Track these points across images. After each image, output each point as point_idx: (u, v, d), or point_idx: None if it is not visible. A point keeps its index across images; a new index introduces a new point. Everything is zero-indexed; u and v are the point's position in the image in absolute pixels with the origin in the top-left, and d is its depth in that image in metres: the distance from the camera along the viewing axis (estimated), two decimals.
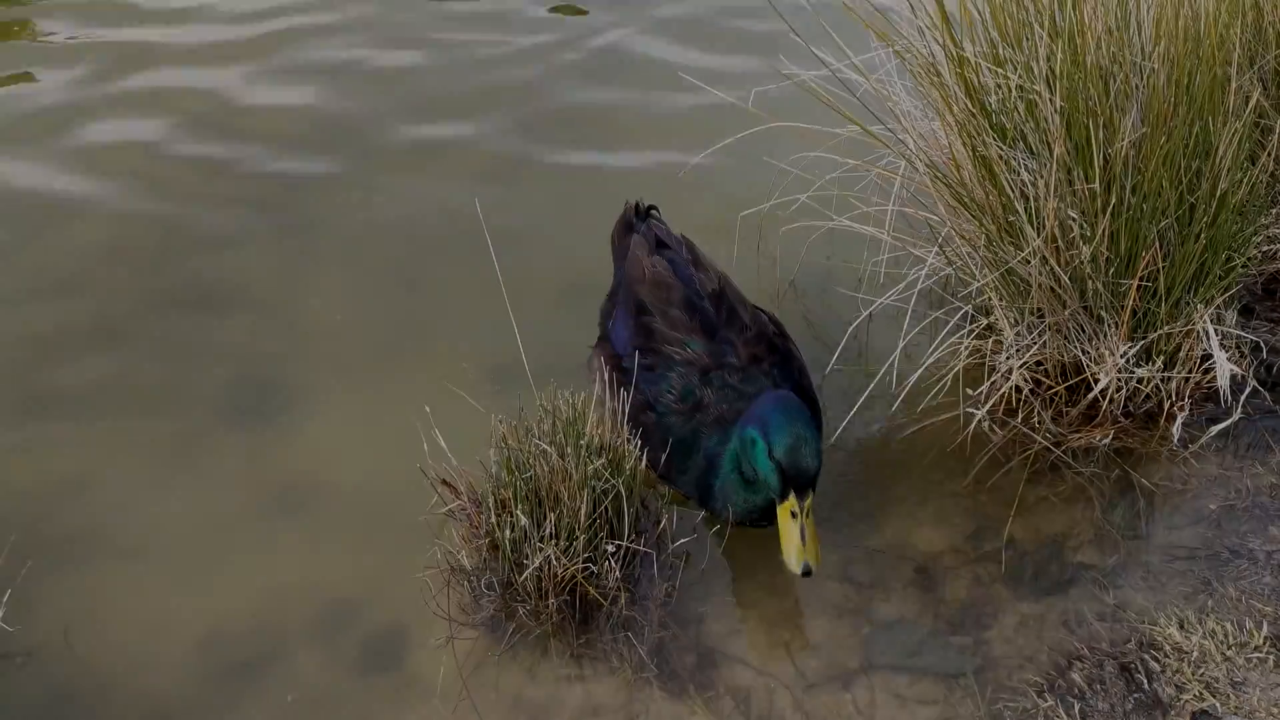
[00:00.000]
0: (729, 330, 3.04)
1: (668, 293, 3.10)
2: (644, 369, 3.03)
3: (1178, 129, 2.83)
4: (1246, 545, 2.83)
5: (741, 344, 3.01)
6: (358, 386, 3.48)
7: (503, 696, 2.65)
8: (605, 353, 3.21)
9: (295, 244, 4.06)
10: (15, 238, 4.15)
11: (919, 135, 3.21)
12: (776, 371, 3.00)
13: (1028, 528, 2.96)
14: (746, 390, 2.92)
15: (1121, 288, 2.95)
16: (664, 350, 3.01)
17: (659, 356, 3.02)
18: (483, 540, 2.83)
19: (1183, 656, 2.57)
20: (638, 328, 3.09)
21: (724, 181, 4.01)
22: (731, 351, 3.00)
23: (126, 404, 3.46)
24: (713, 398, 2.94)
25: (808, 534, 2.57)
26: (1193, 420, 3.09)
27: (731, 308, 3.09)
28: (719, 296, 3.11)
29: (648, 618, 2.78)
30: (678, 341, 3.01)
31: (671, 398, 2.97)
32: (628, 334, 3.13)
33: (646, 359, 3.03)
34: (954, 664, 2.66)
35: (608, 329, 3.30)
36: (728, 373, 2.96)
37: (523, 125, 4.69)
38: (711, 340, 3.01)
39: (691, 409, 2.94)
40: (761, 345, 3.03)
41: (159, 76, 5.08)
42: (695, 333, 3.02)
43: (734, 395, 2.93)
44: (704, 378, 2.96)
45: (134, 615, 2.88)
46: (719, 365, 2.96)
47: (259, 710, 2.67)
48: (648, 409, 2.99)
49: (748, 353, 3.00)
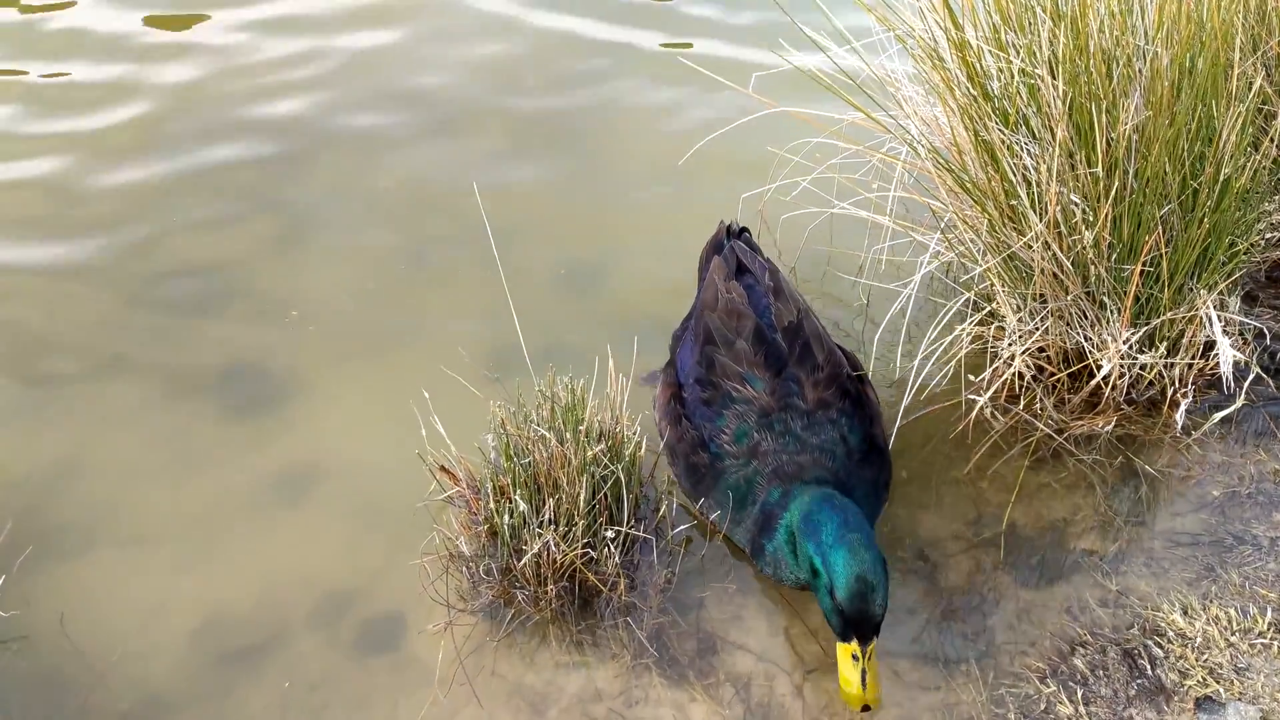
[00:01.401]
0: (799, 368, 2.81)
1: (738, 322, 2.87)
2: (701, 403, 2.83)
3: (1180, 114, 2.81)
4: (1250, 531, 2.82)
5: (810, 385, 2.78)
6: (356, 373, 3.47)
7: (502, 682, 2.64)
8: (667, 379, 3.04)
9: (291, 231, 4.04)
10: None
11: (921, 120, 3.19)
12: (845, 421, 2.77)
13: (1029, 514, 2.94)
14: (810, 441, 2.70)
15: (1124, 273, 2.93)
16: (723, 385, 2.80)
17: (717, 391, 2.81)
18: (481, 526, 2.81)
19: (1186, 642, 2.55)
20: (701, 357, 2.88)
21: (725, 167, 3.99)
22: (798, 393, 2.77)
23: (124, 392, 3.44)
24: (771, 445, 2.71)
25: (869, 676, 2.36)
26: (1196, 407, 3.07)
27: (806, 343, 2.85)
28: (794, 330, 2.87)
29: (647, 604, 2.76)
30: (738, 377, 2.79)
31: (725, 439, 2.76)
32: (691, 362, 2.94)
33: (705, 392, 2.83)
34: (956, 650, 2.64)
35: (675, 354, 3.11)
36: (791, 416, 2.73)
37: (520, 108, 4.66)
38: (777, 378, 2.78)
39: (747, 453, 2.73)
40: (832, 389, 2.79)
41: (146, 54, 5.04)
42: (759, 368, 2.79)
43: (795, 446, 2.70)
44: (763, 420, 2.74)
45: (130, 602, 2.86)
46: (782, 407, 2.74)
47: (256, 696, 2.66)
48: (701, 448, 2.81)
49: (815, 396, 2.76)
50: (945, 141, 3.11)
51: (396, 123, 4.59)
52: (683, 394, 2.93)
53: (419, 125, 4.57)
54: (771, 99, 3.39)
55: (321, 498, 3.11)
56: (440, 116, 4.60)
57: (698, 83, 3.69)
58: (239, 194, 4.22)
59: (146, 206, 4.16)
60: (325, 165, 4.36)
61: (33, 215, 4.15)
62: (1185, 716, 2.41)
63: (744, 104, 3.54)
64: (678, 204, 4.04)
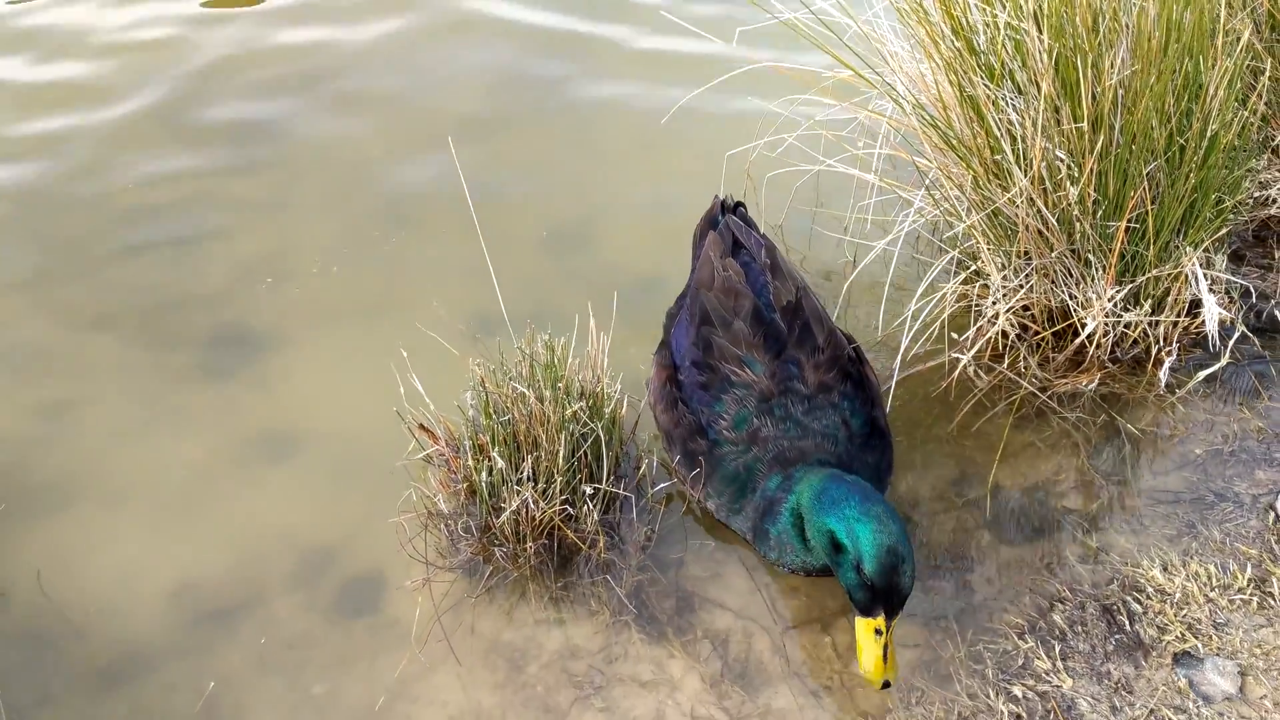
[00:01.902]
0: (799, 350, 2.72)
1: (736, 302, 2.78)
2: (699, 387, 2.74)
3: (1167, 68, 2.78)
4: (1232, 489, 2.81)
5: (811, 367, 2.70)
6: (337, 334, 3.45)
7: (480, 639, 2.63)
8: (661, 360, 2.93)
9: (272, 194, 4.01)
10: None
11: (907, 76, 3.15)
12: (847, 405, 2.69)
13: (1013, 473, 2.93)
14: (811, 426, 2.63)
15: (1109, 230, 2.91)
16: (721, 369, 2.71)
17: (715, 375, 2.72)
18: (461, 484, 2.80)
19: (1165, 598, 2.55)
20: (698, 338, 2.79)
21: (710, 124, 3.95)
22: (798, 376, 2.69)
23: (105, 352, 3.42)
24: (772, 430, 2.63)
25: (890, 652, 2.31)
26: (1180, 365, 3.06)
27: (806, 324, 2.76)
28: (794, 310, 2.78)
29: (627, 561, 2.75)
30: (736, 360, 2.70)
31: (724, 424, 2.68)
32: (686, 344, 2.84)
33: (703, 375, 2.74)
34: (936, 607, 2.63)
35: (670, 334, 2.99)
36: (791, 401, 2.66)
37: (502, 65, 4.61)
38: (776, 360, 2.70)
39: (747, 440, 2.65)
40: (833, 372, 2.71)
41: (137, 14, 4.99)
42: (758, 350, 2.71)
43: (797, 431, 2.63)
44: (763, 405, 2.66)
45: (109, 560, 2.86)
46: (782, 391, 2.66)
47: (235, 654, 2.65)
48: (699, 434, 2.72)
49: (816, 380, 2.68)
50: (930, 97, 3.08)
51: (377, 88, 4.54)
52: (679, 377, 2.83)
53: (399, 91, 4.53)
54: (756, 54, 3.35)
55: (302, 457, 3.10)
56: (420, 81, 4.56)
57: (681, 39, 3.65)
58: (221, 156, 4.19)
59: (129, 166, 4.13)
60: (305, 128, 4.32)
61: (15, 175, 4.12)
62: (1163, 671, 2.41)
63: (728, 61, 3.50)
64: (662, 164, 4.00)
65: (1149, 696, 2.37)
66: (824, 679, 2.51)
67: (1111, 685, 2.40)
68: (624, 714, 2.47)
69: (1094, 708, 2.37)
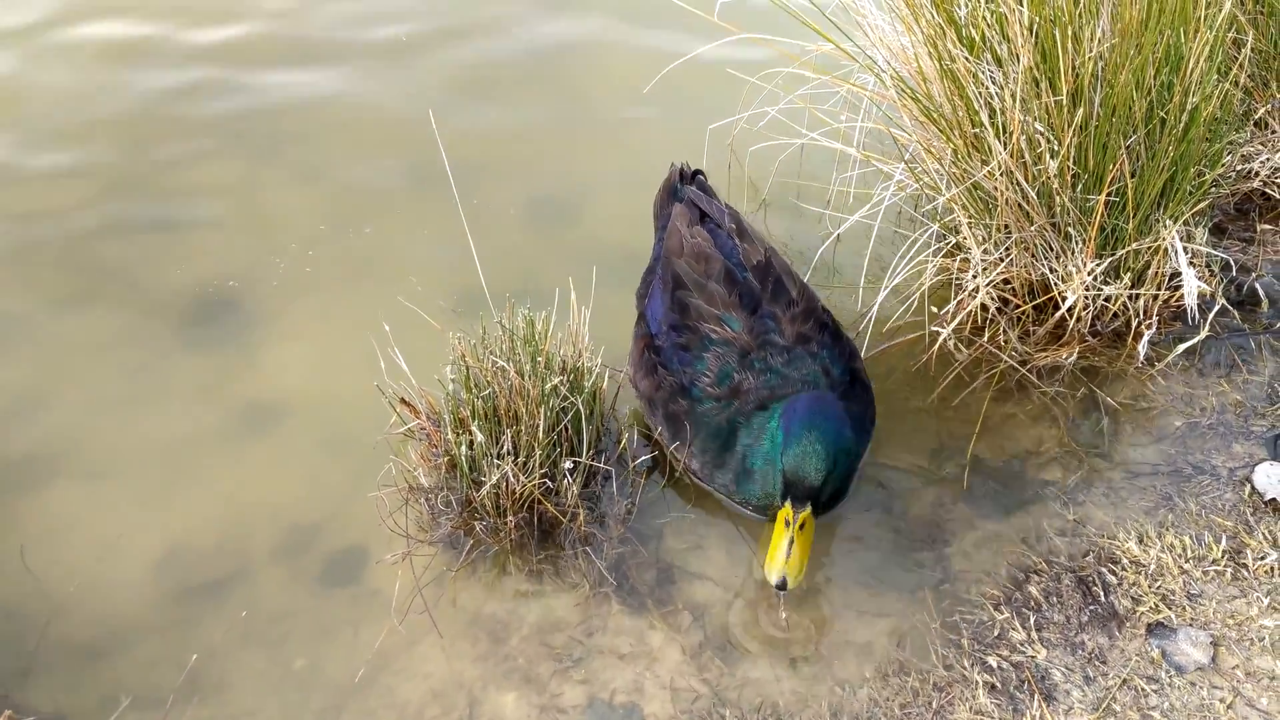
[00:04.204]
0: (774, 305, 2.75)
1: (707, 265, 2.81)
2: (679, 348, 2.76)
3: (1148, 40, 2.77)
4: (1210, 462, 2.82)
5: (787, 320, 2.73)
6: (319, 307, 3.45)
7: (461, 612, 2.65)
8: (639, 333, 2.95)
9: (254, 165, 4.00)
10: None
11: (888, 49, 3.15)
12: (826, 354, 2.71)
13: (992, 446, 2.94)
14: (791, 375, 2.66)
15: (1089, 203, 2.91)
16: (700, 328, 2.74)
17: (695, 335, 2.74)
18: (441, 459, 2.81)
19: (1140, 570, 2.57)
20: (673, 303, 2.81)
21: (691, 97, 3.94)
22: (776, 329, 2.72)
23: (86, 323, 3.42)
24: (753, 382, 2.66)
25: (795, 548, 2.38)
26: (1160, 339, 3.07)
27: (779, 280, 2.79)
28: (764, 268, 2.82)
29: (607, 534, 2.77)
30: (714, 318, 2.73)
31: (707, 381, 2.70)
32: (662, 310, 2.85)
33: (681, 337, 2.76)
34: (913, 579, 2.65)
35: (644, 307, 3.00)
36: (771, 353, 2.68)
37: (482, 32, 4.58)
38: (753, 316, 2.73)
39: (729, 394, 2.67)
40: (810, 323, 2.74)
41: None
42: (735, 308, 2.73)
43: (778, 380, 2.65)
44: (743, 360, 2.68)
45: (92, 535, 2.87)
46: (760, 345, 2.69)
47: (218, 627, 2.67)
48: (681, 394, 2.73)
49: (794, 331, 2.72)
50: (911, 70, 3.08)
51: (357, 59, 4.52)
52: (656, 343, 2.85)
53: (379, 62, 4.51)
54: (738, 27, 3.34)
55: (284, 431, 3.10)
56: (401, 53, 4.53)
57: (663, 11, 3.63)
58: (204, 129, 4.17)
59: (114, 139, 4.12)
60: (287, 102, 4.30)
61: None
62: (1137, 642, 2.43)
63: (709, 34, 3.48)
64: (643, 136, 4.00)
65: (1122, 666, 2.40)
66: (801, 649, 2.53)
67: (1085, 655, 2.43)
68: (603, 685, 2.49)
69: (1067, 678, 2.39)
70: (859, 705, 2.40)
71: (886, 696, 2.41)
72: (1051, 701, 2.34)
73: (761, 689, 2.46)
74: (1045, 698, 2.35)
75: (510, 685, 2.51)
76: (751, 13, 3.38)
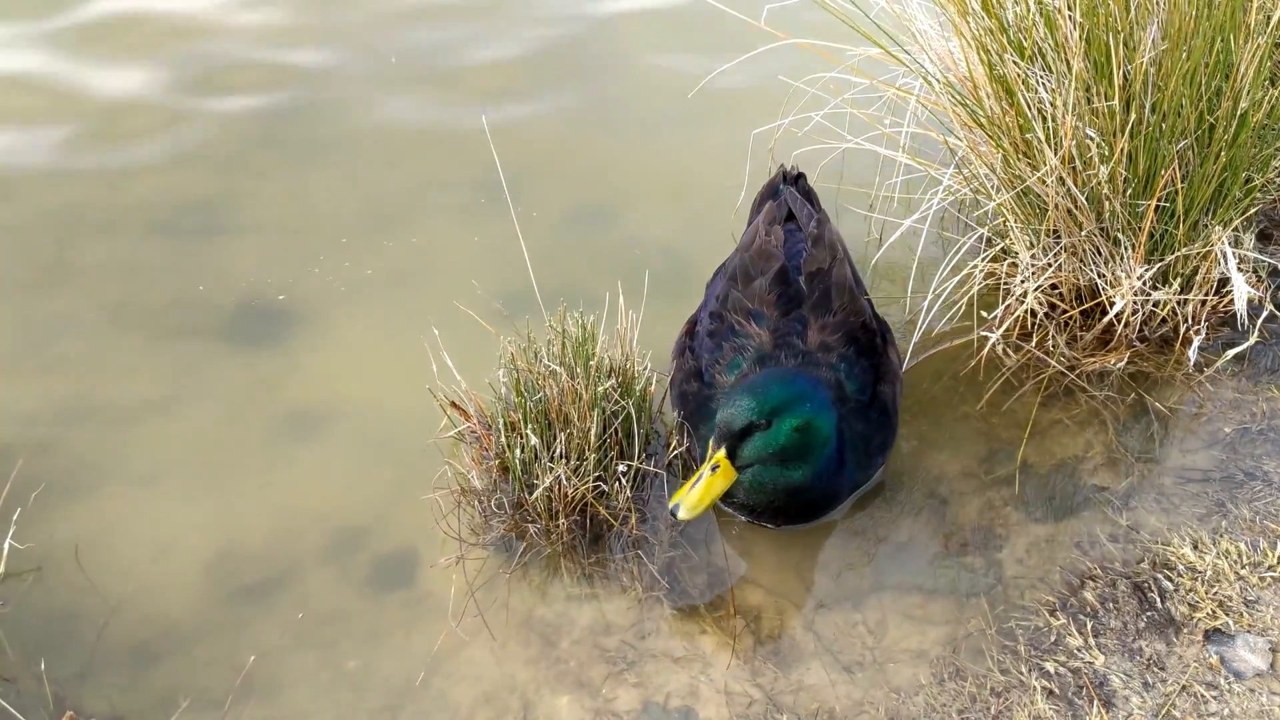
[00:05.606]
0: (811, 313, 2.77)
1: (765, 263, 2.84)
2: (707, 335, 2.84)
3: (1198, 47, 2.77)
4: (1261, 468, 2.81)
5: (815, 328, 2.75)
6: (367, 310, 3.46)
7: (513, 615, 2.65)
8: (689, 318, 3.04)
9: (302, 166, 4.02)
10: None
11: (936, 54, 3.15)
12: (844, 367, 2.73)
13: (1041, 451, 2.94)
14: None
15: (1139, 209, 2.91)
16: (729, 318, 2.80)
17: (723, 323, 2.81)
18: (493, 461, 2.82)
19: (1196, 576, 2.56)
20: (723, 293, 2.88)
21: (737, 100, 3.95)
22: (799, 334, 2.74)
23: (136, 328, 3.44)
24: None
25: (701, 484, 2.47)
26: (1209, 344, 3.06)
27: (827, 290, 2.80)
28: (817, 277, 2.82)
29: (658, 537, 2.77)
30: (745, 312, 2.78)
31: (719, 369, 2.77)
32: (713, 299, 2.93)
33: (714, 324, 2.84)
34: (966, 584, 2.65)
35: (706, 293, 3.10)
36: (785, 355, 2.71)
37: (531, 41, 4.60)
38: (784, 318, 2.76)
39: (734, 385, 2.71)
40: (839, 335, 2.75)
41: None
42: (770, 307, 2.77)
43: None
44: (759, 357, 2.73)
45: (144, 537, 2.88)
46: (778, 346, 2.73)
47: (269, 630, 2.67)
48: (695, 377, 2.81)
49: (818, 339, 2.73)
50: (960, 75, 3.08)
51: (402, 63, 4.54)
52: (696, 328, 2.94)
53: (425, 65, 4.53)
54: (784, 32, 3.34)
55: (333, 434, 3.11)
56: (447, 57, 4.55)
57: (708, 16, 3.64)
58: (248, 131, 4.19)
59: (154, 143, 4.14)
60: (332, 103, 4.32)
61: (39, 162, 4.13)
62: (1194, 648, 2.43)
63: (755, 39, 3.49)
64: (688, 141, 4.00)
65: (1181, 673, 2.39)
66: (856, 655, 2.53)
67: (1143, 662, 2.42)
68: (658, 689, 2.49)
69: (1126, 684, 2.38)
70: (916, 710, 2.40)
71: (944, 702, 2.41)
72: (1110, 707, 2.34)
73: (817, 694, 2.46)
74: (1104, 703, 2.34)
75: (563, 688, 2.51)
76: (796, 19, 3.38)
